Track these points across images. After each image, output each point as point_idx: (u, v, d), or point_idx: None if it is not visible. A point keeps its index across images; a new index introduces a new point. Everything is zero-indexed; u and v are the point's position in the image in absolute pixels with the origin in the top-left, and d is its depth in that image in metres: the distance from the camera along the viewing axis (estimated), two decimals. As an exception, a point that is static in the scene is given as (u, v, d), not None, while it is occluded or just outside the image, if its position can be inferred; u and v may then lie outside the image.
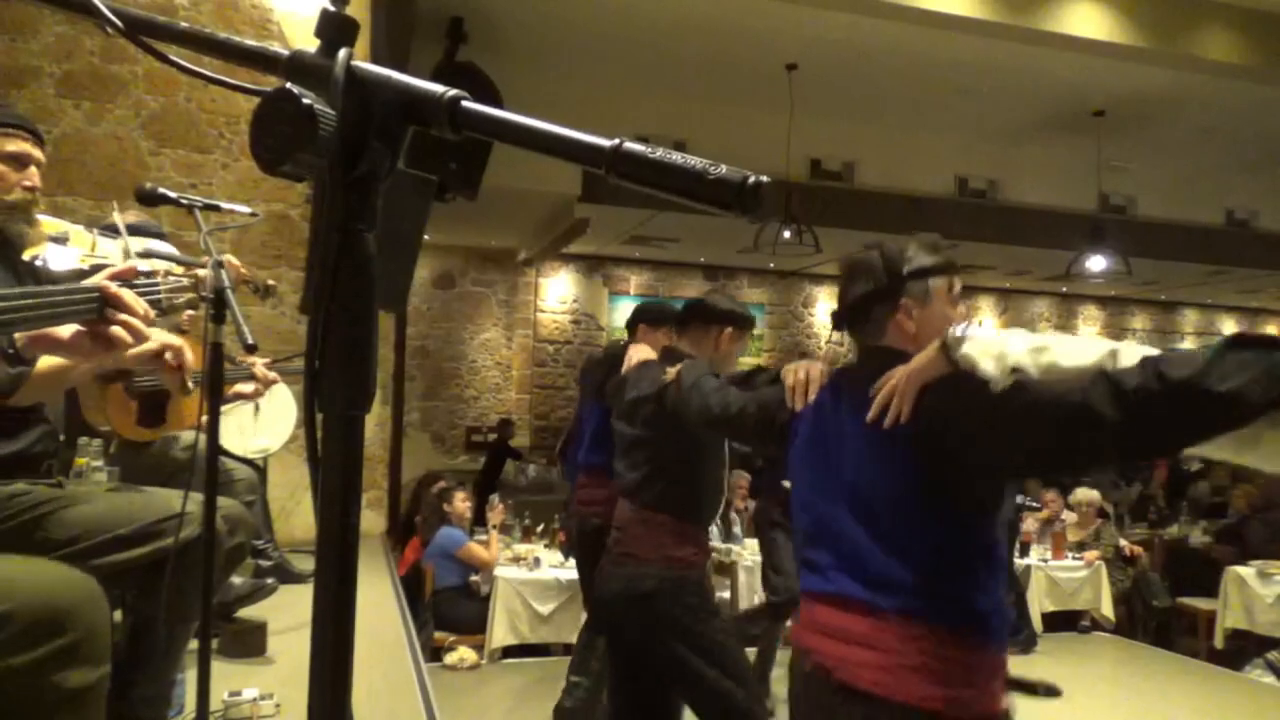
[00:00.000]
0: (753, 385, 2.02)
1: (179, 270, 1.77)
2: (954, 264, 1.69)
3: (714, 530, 6.35)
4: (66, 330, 1.31)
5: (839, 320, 1.76)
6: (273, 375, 3.03)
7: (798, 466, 1.76)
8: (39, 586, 1.42)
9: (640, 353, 2.80)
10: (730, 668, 2.46)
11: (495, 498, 6.37)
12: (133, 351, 1.66)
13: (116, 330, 1.29)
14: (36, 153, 1.93)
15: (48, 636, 1.38)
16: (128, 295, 1.31)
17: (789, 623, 5.60)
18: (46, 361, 1.57)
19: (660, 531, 2.55)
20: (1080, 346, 1.32)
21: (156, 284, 1.60)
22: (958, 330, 1.45)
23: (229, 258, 2.04)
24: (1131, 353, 1.26)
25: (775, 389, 1.88)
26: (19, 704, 1.38)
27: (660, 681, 2.57)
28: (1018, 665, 5.70)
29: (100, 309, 1.28)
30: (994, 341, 1.38)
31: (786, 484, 2.07)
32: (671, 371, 2.40)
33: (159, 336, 1.71)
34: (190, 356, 1.76)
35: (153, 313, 1.39)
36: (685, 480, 2.59)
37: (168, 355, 1.68)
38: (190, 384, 1.78)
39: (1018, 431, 1.36)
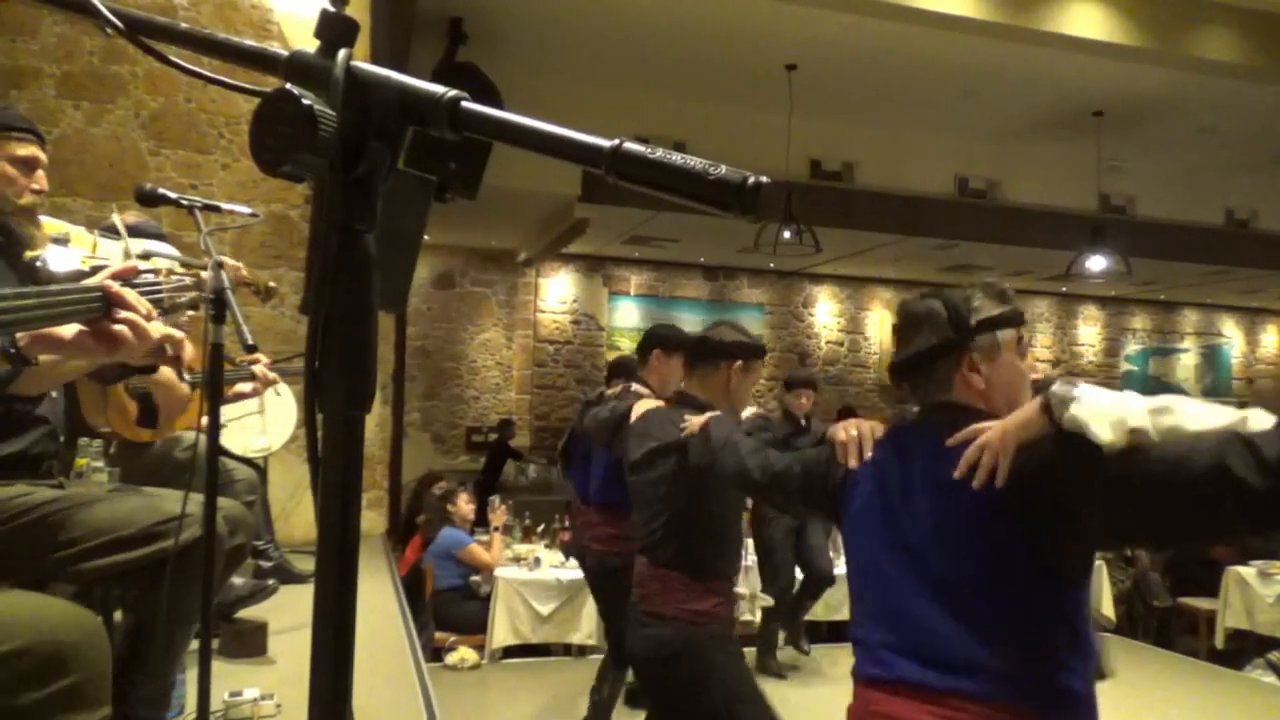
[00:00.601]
0: (793, 446, 1.92)
1: (181, 270, 1.77)
2: (1021, 313, 1.61)
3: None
4: (69, 330, 1.31)
5: (901, 373, 1.66)
6: (272, 375, 3.03)
7: (855, 532, 1.64)
8: (46, 625, 1.42)
9: (645, 405, 2.74)
10: None
11: (497, 499, 6.37)
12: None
13: (120, 329, 1.29)
14: (43, 155, 1.96)
15: (53, 676, 1.38)
16: (130, 294, 1.31)
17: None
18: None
19: (679, 588, 2.46)
20: (1205, 410, 1.25)
21: (159, 283, 1.60)
22: (1064, 388, 1.35)
23: (230, 261, 2.05)
24: (1261, 419, 1.19)
25: (821, 450, 1.77)
26: None
27: None
28: None
29: (103, 308, 1.29)
30: (1108, 403, 1.29)
31: None
32: (694, 423, 2.30)
33: (158, 328, 1.71)
34: (190, 350, 1.76)
35: (155, 311, 1.39)
36: (703, 536, 2.48)
37: (166, 347, 1.68)
38: (188, 378, 1.79)
39: (1141, 498, 1.25)
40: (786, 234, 7.55)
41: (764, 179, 0.54)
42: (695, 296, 11.85)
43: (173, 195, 2.20)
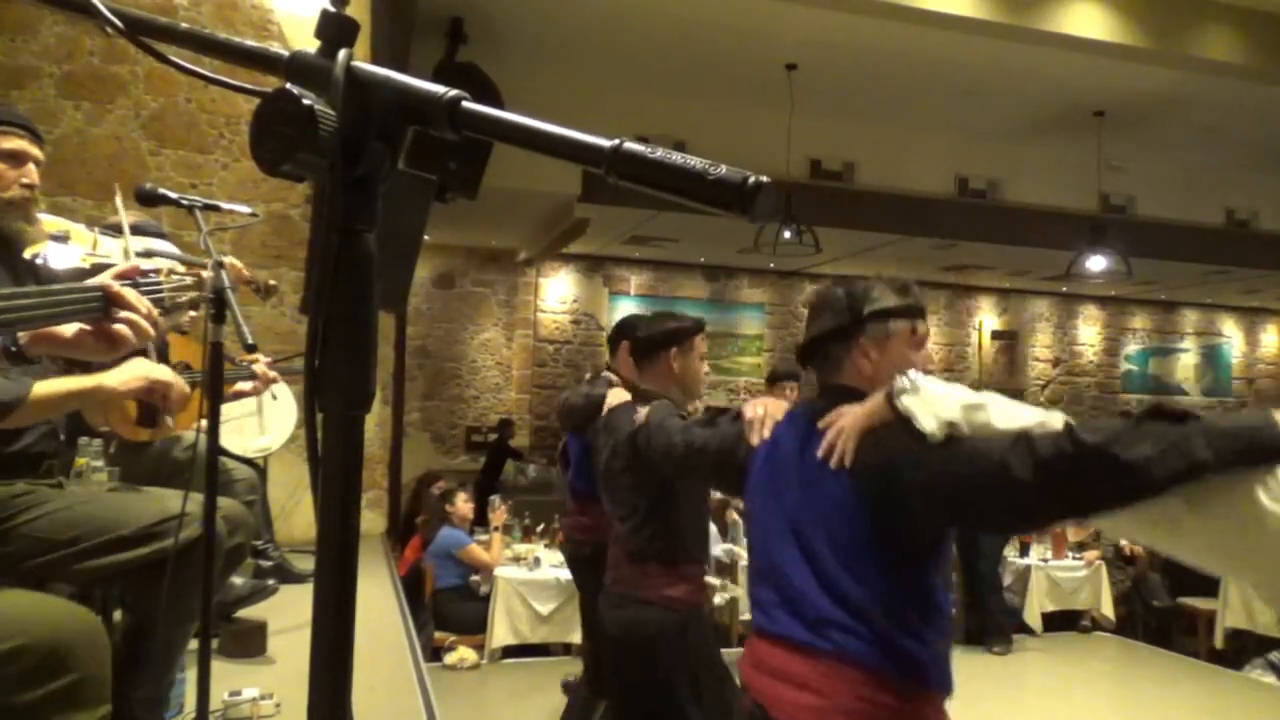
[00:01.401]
0: (715, 423, 2.01)
1: (182, 269, 1.77)
2: (919, 308, 1.70)
3: (713, 530, 6.36)
4: (69, 329, 1.31)
5: (802, 355, 1.77)
6: (273, 374, 3.03)
7: (751, 503, 1.75)
8: (44, 623, 1.42)
9: (617, 396, 2.81)
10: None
11: (497, 499, 6.37)
12: (125, 388, 1.65)
13: (120, 329, 1.29)
14: (34, 150, 1.93)
15: (51, 676, 1.38)
16: (131, 294, 1.31)
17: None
18: (42, 389, 1.56)
19: (653, 574, 2.54)
20: (1015, 409, 1.33)
21: (159, 283, 1.60)
22: (905, 379, 1.46)
23: (231, 260, 2.05)
24: (1057, 421, 1.26)
25: (736, 426, 1.87)
26: None
27: None
28: (974, 666, 5.73)
29: (104, 308, 1.28)
30: (937, 395, 1.40)
31: None
32: (642, 413, 2.39)
33: (150, 371, 1.71)
34: (178, 392, 1.75)
35: (156, 311, 1.39)
36: (671, 524, 2.56)
37: (156, 391, 1.69)
38: (170, 421, 1.79)
39: (942, 485, 1.37)
40: (786, 234, 7.55)
41: (764, 178, 0.54)
42: (695, 296, 11.85)
43: (173, 195, 2.20)
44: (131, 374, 1.67)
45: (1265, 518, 1.00)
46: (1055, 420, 1.27)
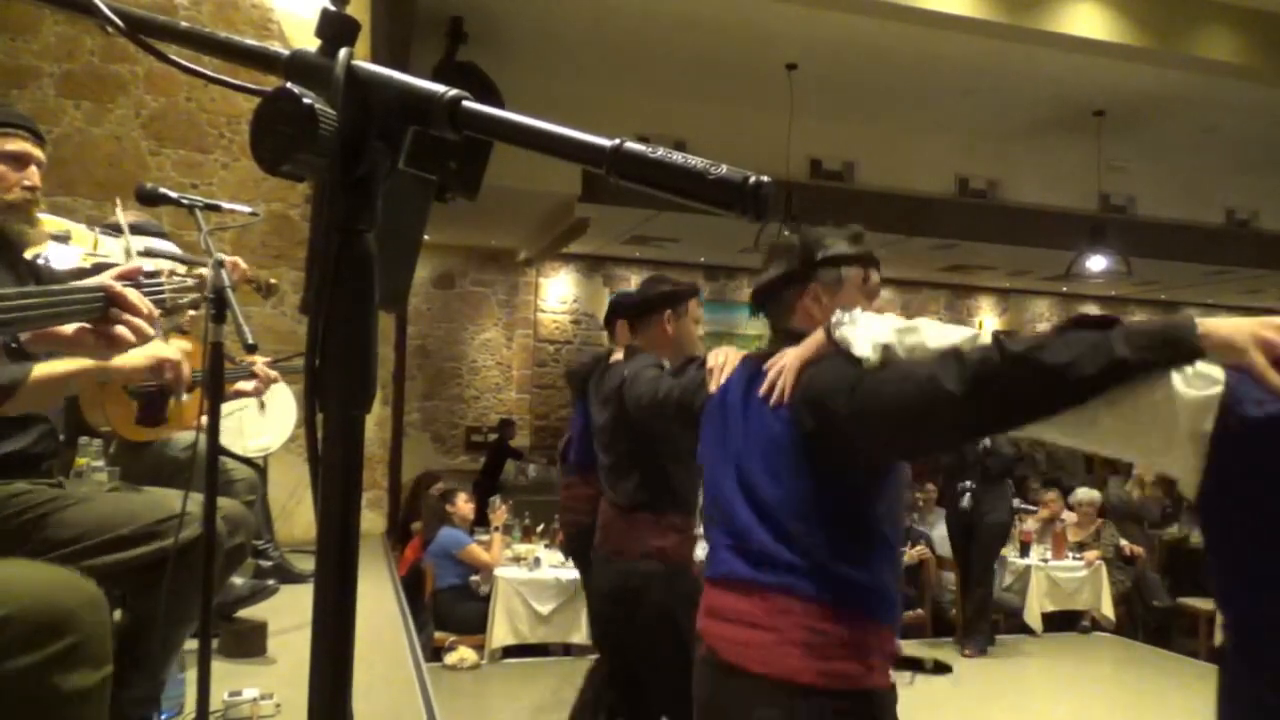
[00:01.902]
0: (684, 371, 2.04)
1: (183, 270, 1.78)
2: (871, 256, 1.74)
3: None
4: (70, 328, 1.31)
5: (756, 299, 1.79)
6: (273, 374, 3.03)
7: (703, 448, 1.77)
8: (39, 589, 1.42)
9: (619, 354, 2.90)
10: None
11: (497, 499, 6.37)
12: (130, 365, 1.66)
13: (120, 330, 1.29)
14: (37, 152, 1.93)
15: (48, 639, 1.38)
16: (132, 294, 1.31)
17: None
18: (43, 369, 1.56)
19: (639, 526, 2.60)
20: (947, 330, 1.34)
21: (161, 283, 1.60)
22: (842, 313, 1.49)
23: (235, 259, 2.05)
24: (988, 337, 1.28)
25: (699, 373, 1.89)
26: (20, 707, 1.38)
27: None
28: (974, 666, 5.74)
29: (104, 308, 1.28)
30: (872, 323, 1.43)
31: None
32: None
33: (157, 350, 1.72)
34: (187, 369, 1.76)
35: (157, 312, 1.39)
36: (656, 472, 2.61)
37: (167, 372, 1.69)
38: (184, 396, 1.79)
39: (875, 406, 1.37)
40: (786, 234, 7.55)
41: (765, 178, 0.54)
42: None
43: (173, 195, 2.20)
44: (138, 352, 1.68)
45: (1176, 399, 1.04)
46: (987, 338, 1.28)
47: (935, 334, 1.34)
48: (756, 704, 1.48)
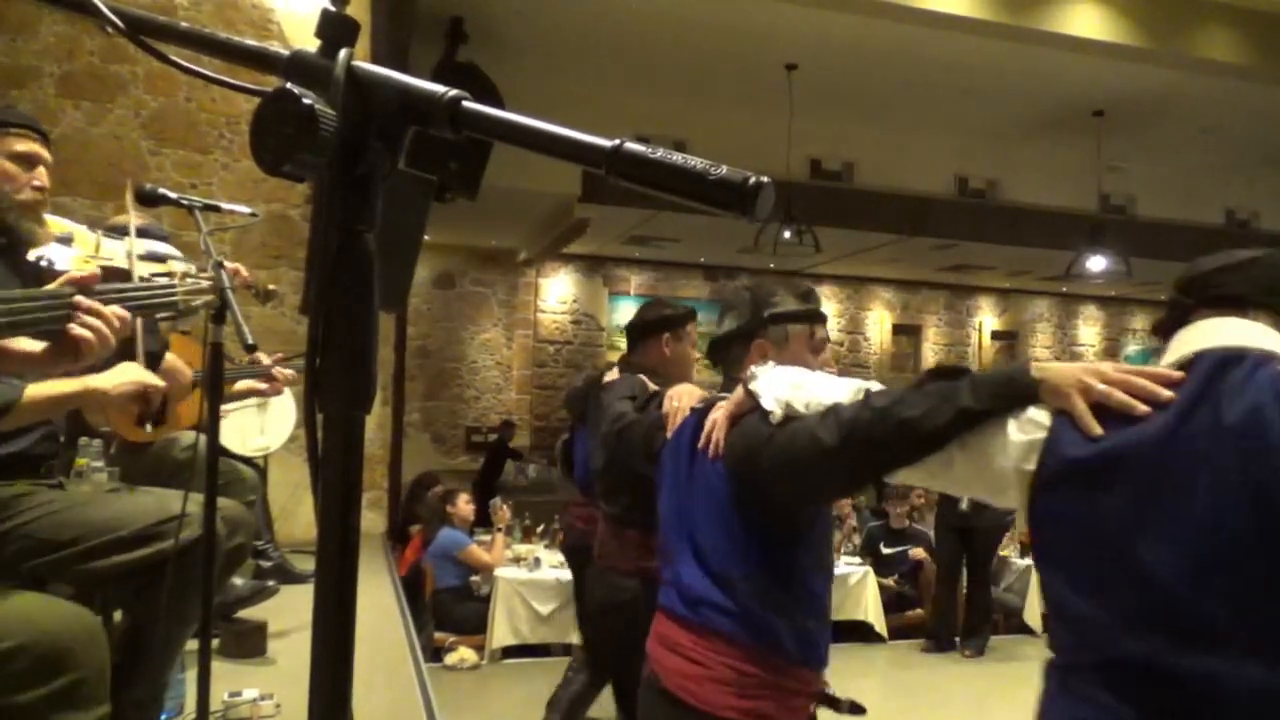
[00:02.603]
0: (646, 409, 2.13)
1: (195, 273, 1.78)
2: (818, 314, 1.85)
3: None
4: (29, 344, 1.28)
5: (710, 353, 1.89)
6: (289, 373, 3.03)
7: (660, 488, 1.87)
8: (43, 623, 1.42)
9: (613, 376, 2.93)
10: None
11: (497, 501, 6.37)
12: (118, 393, 1.65)
13: (82, 333, 1.27)
14: (45, 153, 1.95)
15: (49, 676, 1.38)
16: (90, 302, 1.29)
17: None
18: (35, 391, 1.55)
19: (631, 545, 2.65)
20: (834, 385, 1.44)
21: (173, 286, 1.60)
22: (757, 368, 1.59)
23: (236, 265, 2.05)
24: (874, 390, 1.37)
25: (658, 415, 1.97)
26: None
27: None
28: (974, 666, 5.74)
29: (68, 315, 1.27)
30: (773, 378, 1.53)
31: None
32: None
33: (140, 376, 1.71)
34: (172, 393, 1.76)
35: (128, 315, 1.37)
36: (644, 495, 2.64)
37: (148, 396, 1.69)
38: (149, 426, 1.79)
39: (779, 463, 1.47)
40: (786, 234, 7.55)
41: (765, 179, 0.54)
42: (695, 296, 11.84)
43: (173, 195, 2.20)
44: (123, 378, 1.68)
45: (1008, 443, 1.14)
46: (864, 389, 1.39)
47: (823, 389, 1.44)
48: None
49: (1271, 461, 0.96)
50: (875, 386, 1.38)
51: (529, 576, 5.70)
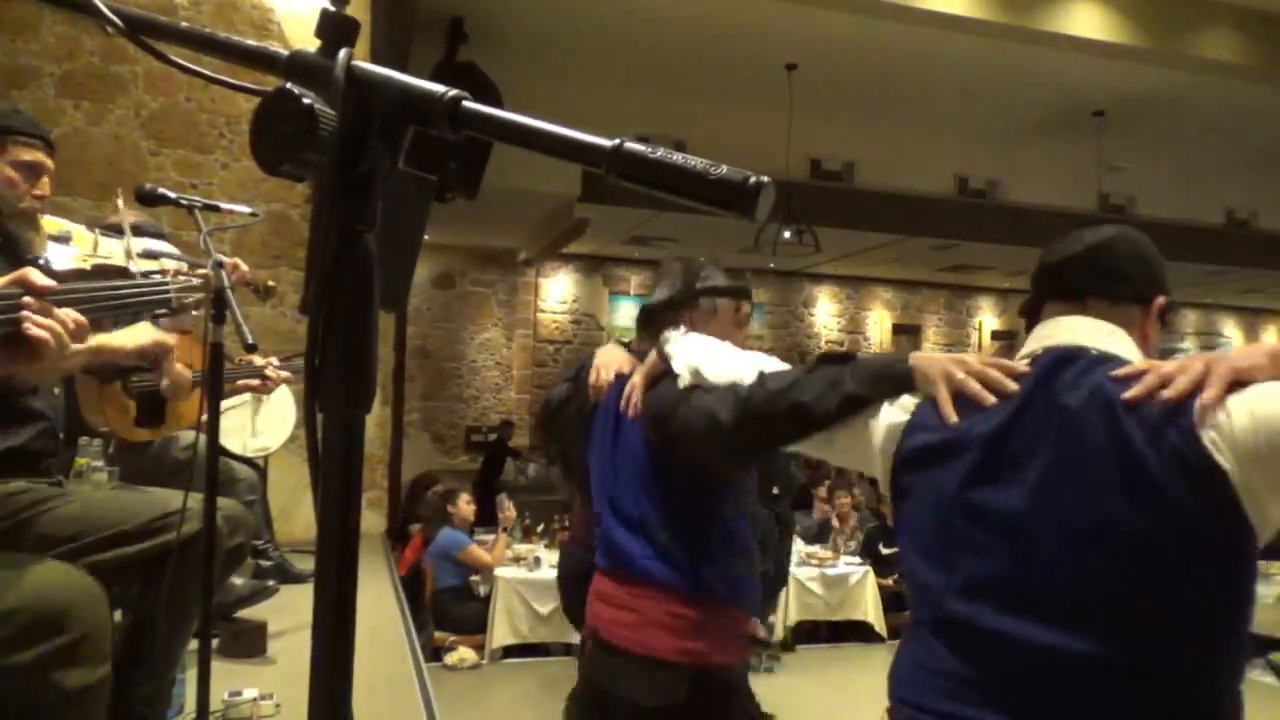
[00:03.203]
0: (577, 378, 2.20)
1: (188, 271, 1.79)
2: (745, 290, 1.94)
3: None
4: None
5: (641, 321, 1.99)
6: (285, 374, 3.03)
7: (591, 448, 1.97)
8: (39, 585, 1.42)
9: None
10: None
11: (503, 498, 6.38)
12: (123, 345, 1.66)
13: (38, 334, 1.26)
14: (49, 162, 1.97)
15: (47, 635, 1.38)
16: (41, 303, 1.28)
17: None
18: None
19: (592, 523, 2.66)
20: (740, 359, 1.54)
21: (166, 284, 1.60)
22: (673, 334, 1.70)
23: (234, 260, 2.05)
24: (769, 366, 1.47)
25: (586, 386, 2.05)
26: (19, 703, 1.38)
27: None
28: None
29: (14, 318, 1.25)
30: (686, 345, 1.64)
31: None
32: None
33: (147, 334, 1.72)
34: (178, 356, 1.76)
35: (84, 320, 1.36)
36: None
37: (156, 351, 1.70)
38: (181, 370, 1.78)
39: (683, 429, 1.58)
40: (786, 234, 7.56)
41: (765, 179, 0.54)
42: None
43: (173, 195, 2.20)
44: (132, 335, 1.70)
45: (879, 428, 1.26)
46: (767, 365, 1.48)
47: (730, 362, 1.54)
48: (624, 675, 1.72)
49: (1091, 457, 1.05)
50: (772, 365, 1.48)
51: (529, 576, 5.70)
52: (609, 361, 1.97)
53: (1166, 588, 1.01)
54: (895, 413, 1.25)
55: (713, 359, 1.57)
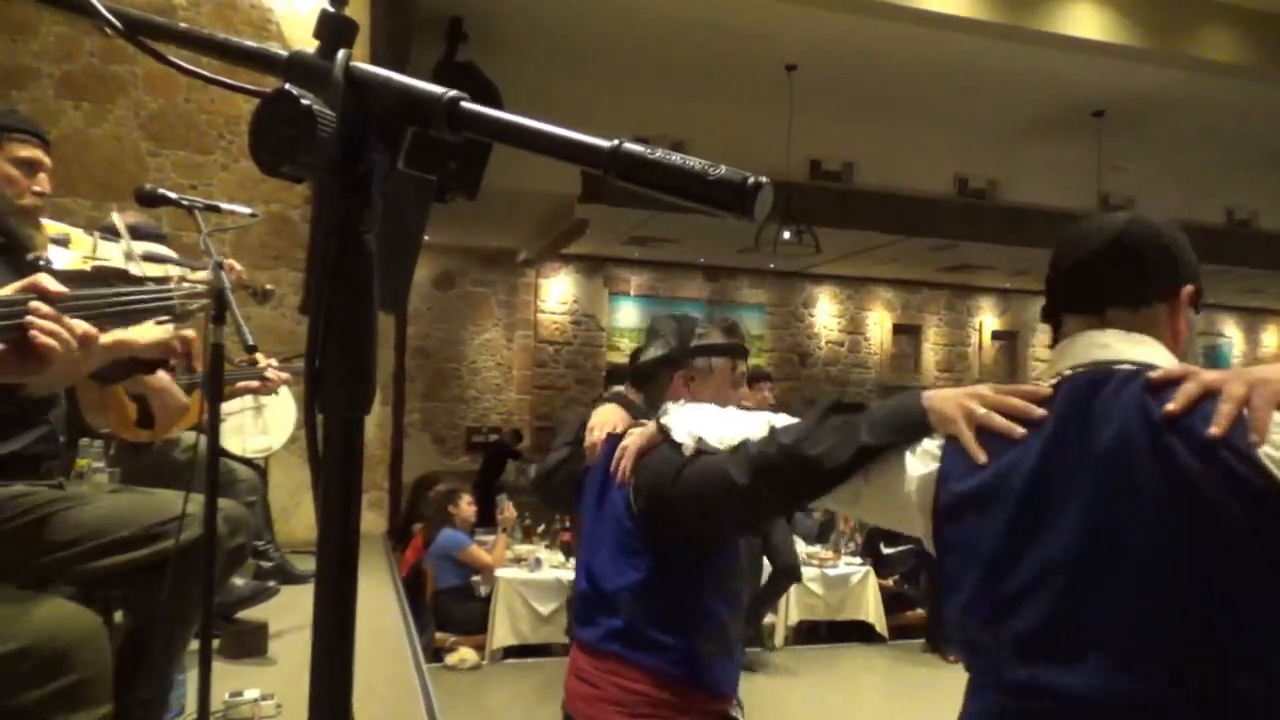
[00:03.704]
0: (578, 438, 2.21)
1: (193, 277, 1.79)
2: (740, 348, 1.90)
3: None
4: None
5: (634, 377, 1.97)
6: (285, 375, 3.03)
7: (582, 511, 1.94)
8: (44, 624, 1.42)
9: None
10: None
11: (503, 498, 6.38)
12: (146, 339, 1.66)
13: (44, 340, 1.26)
14: (46, 159, 1.97)
15: (51, 676, 1.38)
16: (46, 308, 1.28)
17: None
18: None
19: None
20: (743, 420, 1.48)
21: (170, 290, 1.60)
22: (672, 404, 1.68)
23: (231, 262, 2.05)
24: (779, 422, 1.41)
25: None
26: None
27: None
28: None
29: (20, 323, 1.25)
30: (688, 413, 1.59)
31: None
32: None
33: (165, 332, 1.72)
34: (199, 347, 1.76)
35: (93, 330, 1.36)
36: None
37: (177, 345, 1.69)
38: (196, 368, 1.78)
39: (689, 494, 1.51)
40: (786, 234, 7.56)
41: (763, 179, 0.54)
42: (695, 297, 11.85)
43: (173, 195, 2.20)
44: (151, 329, 1.69)
45: (907, 479, 1.17)
46: (779, 424, 1.41)
47: (734, 425, 1.48)
48: None
49: (1137, 483, 0.97)
50: (782, 421, 1.41)
51: (529, 576, 5.70)
52: (603, 422, 1.91)
53: (1234, 615, 0.94)
54: (923, 460, 1.17)
55: (716, 424, 1.51)
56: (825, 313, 12.57)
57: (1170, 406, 0.97)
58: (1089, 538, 1.00)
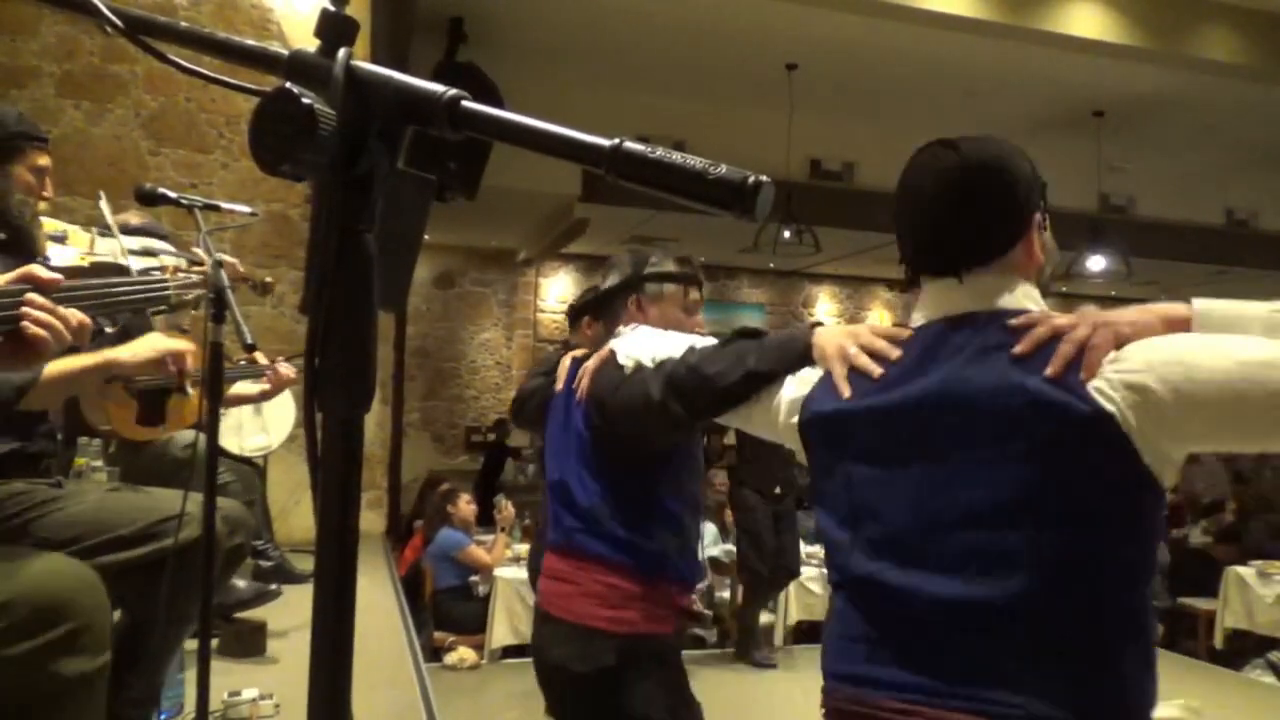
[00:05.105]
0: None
1: (186, 267, 1.79)
2: (694, 276, 2.01)
3: (714, 531, 6.38)
4: None
5: (594, 307, 2.05)
6: (291, 372, 3.03)
7: (547, 434, 2.07)
8: (38, 576, 1.42)
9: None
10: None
11: (501, 498, 6.37)
12: (136, 359, 1.66)
13: (37, 332, 1.26)
14: (50, 164, 1.98)
15: (46, 626, 1.38)
16: (41, 299, 1.28)
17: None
18: (54, 368, 1.56)
19: None
20: (677, 340, 1.60)
21: (165, 281, 1.60)
22: (625, 328, 1.83)
23: (227, 257, 2.05)
24: (700, 344, 1.52)
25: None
26: (19, 693, 1.38)
27: None
28: None
29: (16, 316, 1.25)
30: (634, 338, 1.71)
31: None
32: None
33: (162, 344, 1.72)
34: (191, 360, 1.77)
35: (86, 319, 1.36)
36: None
37: (171, 364, 1.70)
38: (190, 388, 1.79)
39: (620, 407, 1.67)
40: (786, 234, 7.56)
41: (764, 178, 0.54)
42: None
43: (173, 195, 2.20)
44: (143, 346, 1.69)
45: (783, 402, 1.29)
46: (700, 344, 1.52)
47: (667, 345, 1.60)
48: (560, 643, 1.82)
49: (984, 415, 1.07)
50: (705, 342, 1.51)
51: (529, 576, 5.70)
52: (574, 351, 2.05)
53: (1066, 534, 1.03)
54: (796, 387, 1.29)
55: (652, 345, 1.63)
56: (825, 312, 12.57)
57: (1017, 349, 1.07)
58: (937, 457, 1.10)
